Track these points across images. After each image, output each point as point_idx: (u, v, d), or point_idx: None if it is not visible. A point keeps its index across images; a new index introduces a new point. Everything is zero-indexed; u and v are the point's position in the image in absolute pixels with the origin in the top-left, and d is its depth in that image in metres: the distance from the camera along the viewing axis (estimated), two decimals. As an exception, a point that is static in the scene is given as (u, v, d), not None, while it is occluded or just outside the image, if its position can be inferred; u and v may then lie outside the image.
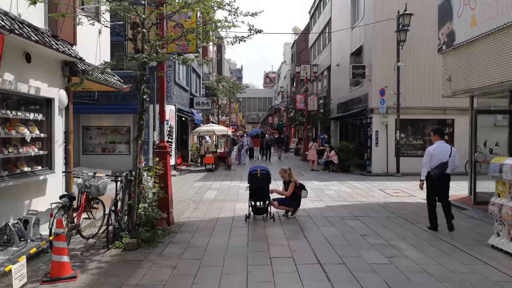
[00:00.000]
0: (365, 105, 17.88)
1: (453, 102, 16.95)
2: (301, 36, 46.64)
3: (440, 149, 6.99)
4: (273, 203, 7.99)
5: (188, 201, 10.23)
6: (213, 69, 34.95)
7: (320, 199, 10.57)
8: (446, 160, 6.87)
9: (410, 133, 17.63)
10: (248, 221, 7.82)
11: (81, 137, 17.64)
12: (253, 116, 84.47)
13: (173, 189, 12.31)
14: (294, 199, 8.12)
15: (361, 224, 7.68)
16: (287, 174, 8.20)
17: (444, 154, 6.92)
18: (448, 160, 6.89)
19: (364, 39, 18.59)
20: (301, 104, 25.95)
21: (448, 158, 6.90)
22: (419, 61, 16.99)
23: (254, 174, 7.75)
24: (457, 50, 9.95)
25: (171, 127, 17.59)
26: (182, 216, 8.45)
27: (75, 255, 5.84)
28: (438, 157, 6.92)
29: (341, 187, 12.73)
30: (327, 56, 27.24)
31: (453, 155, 7.00)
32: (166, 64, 17.61)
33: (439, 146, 7.05)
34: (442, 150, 6.96)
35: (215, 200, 10.35)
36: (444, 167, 6.85)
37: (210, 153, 18.49)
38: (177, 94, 19.23)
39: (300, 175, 16.27)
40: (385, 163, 16.88)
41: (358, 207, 9.41)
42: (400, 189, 12.43)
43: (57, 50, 7.21)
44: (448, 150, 6.97)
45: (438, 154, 6.93)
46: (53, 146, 7.66)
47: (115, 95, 17.26)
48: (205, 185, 13.32)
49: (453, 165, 7.01)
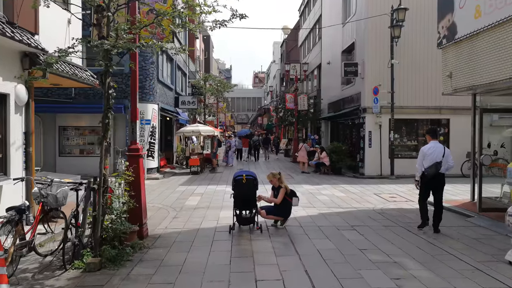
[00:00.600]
0: (358, 104, 17.15)
1: (449, 101, 16.35)
2: (291, 34, 45.92)
3: (433, 149, 7.02)
4: (260, 212, 7.14)
5: (167, 209, 9.32)
6: (200, 68, 33.99)
7: (312, 205, 9.75)
8: (439, 160, 6.90)
9: (404, 133, 16.94)
10: (232, 232, 6.96)
11: (57, 138, 16.59)
12: (242, 116, 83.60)
13: (153, 194, 11.54)
14: (284, 208, 7.28)
15: (358, 235, 6.87)
16: (276, 179, 7.35)
17: (437, 154, 6.95)
18: (442, 160, 6.92)
19: (356, 35, 17.87)
20: (291, 104, 25.16)
21: (441, 158, 6.92)
22: (414, 58, 16.30)
23: (239, 180, 6.88)
24: (458, 44, 9.23)
25: (153, 127, 16.64)
26: (159, 226, 7.54)
27: (25, 278, 4.93)
28: (432, 156, 6.95)
29: (334, 191, 11.94)
30: (318, 54, 26.49)
31: (447, 155, 6.99)
32: (149, 61, 16.71)
33: (433, 146, 7.08)
34: (436, 150, 6.98)
35: (198, 207, 9.46)
36: (437, 166, 6.89)
37: (196, 155, 17.56)
38: (160, 93, 18.26)
39: (289, 178, 15.45)
40: (378, 165, 16.15)
41: (354, 215, 8.61)
42: (397, 193, 11.68)
43: (12, 39, 6.27)
44: (442, 150, 7.00)
45: (432, 154, 6.96)
46: (9, 149, 6.70)
47: (93, 93, 16.25)
48: (189, 189, 12.41)
49: (447, 165, 7.02)
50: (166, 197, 11.00)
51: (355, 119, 17.99)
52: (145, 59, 16.39)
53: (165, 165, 19.58)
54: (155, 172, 16.74)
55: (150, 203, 10.01)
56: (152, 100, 16.71)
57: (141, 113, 16.19)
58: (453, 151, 16.46)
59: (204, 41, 43.56)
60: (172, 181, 15.01)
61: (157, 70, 17.42)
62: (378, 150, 16.19)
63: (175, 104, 21.93)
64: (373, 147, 16.27)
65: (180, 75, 24.50)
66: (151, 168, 16.45)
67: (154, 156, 16.67)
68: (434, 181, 7.02)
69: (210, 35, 46.82)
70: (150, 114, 16.45)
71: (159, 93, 17.89)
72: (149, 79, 16.56)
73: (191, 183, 13.98)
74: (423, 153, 7.07)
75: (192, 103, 22.35)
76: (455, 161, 16.06)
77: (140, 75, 16.30)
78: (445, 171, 7.03)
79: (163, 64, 19.08)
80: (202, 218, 8.27)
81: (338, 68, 20.05)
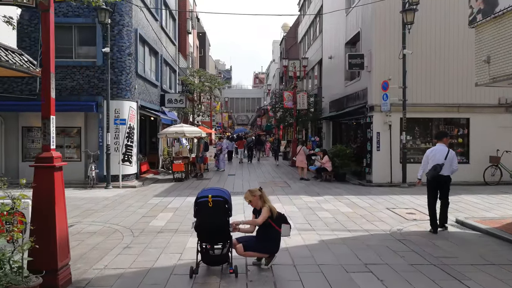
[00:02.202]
0: (364, 101, 15.02)
1: (468, 98, 14.30)
2: (290, 31, 44.10)
3: (435, 151, 7.18)
4: (236, 246, 5.02)
5: (124, 232, 7.20)
6: (193, 66, 31.88)
7: (311, 226, 7.63)
8: (441, 163, 6.98)
9: (417, 134, 14.80)
10: (194, 277, 4.85)
11: (20, 140, 14.51)
12: (242, 117, 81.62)
13: (116, 210, 9.02)
14: (270, 239, 5.15)
15: (376, 282, 4.75)
16: (257, 198, 5.18)
17: (438, 156, 7.05)
18: (444, 163, 6.98)
19: (362, 24, 15.75)
20: (289, 103, 22.99)
21: (443, 161, 6.99)
22: (429, 47, 14.17)
23: (203, 203, 4.75)
24: (499, 20, 7.13)
25: (131, 128, 14.54)
26: (97, 264, 5.42)
27: None
28: (433, 159, 7.12)
29: (338, 205, 9.82)
30: (318, 49, 24.39)
31: (450, 158, 7.04)
32: (125, 52, 14.61)
33: (436, 148, 7.25)
34: (437, 153, 7.12)
35: (164, 230, 7.34)
36: (437, 168, 6.98)
37: (180, 159, 15.45)
38: (141, 89, 16.17)
39: (286, 187, 13.33)
40: (388, 171, 14.03)
41: (366, 243, 6.48)
42: (414, 207, 9.56)
43: None
44: (444, 153, 7.05)
45: (434, 156, 7.13)
46: None
47: (61, 88, 14.17)
48: (163, 202, 10.29)
49: (451, 168, 7.07)
50: (130, 213, 8.88)
51: (360, 118, 15.87)
52: (120, 50, 14.31)
53: (148, 171, 17.49)
54: (132, 179, 14.64)
55: (106, 223, 7.92)
56: (129, 97, 14.61)
57: (116, 112, 14.12)
58: (473, 155, 14.51)
59: (199, 37, 41.50)
60: (149, 190, 12.91)
61: (136, 63, 15.33)
62: (387, 153, 14.07)
63: (161, 103, 19.85)
64: (382, 150, 14.15)
65: (168, 72, 22.40)
66: (127, 175, 14.36)
67: (131, 161, 14.57)
68: (437, 183, 7.13)
69: (205, 31, 44.76)
70: (126, 112, 14.35)
71: (139, 90, 15.80)
72: (126, 73, 14.46)
73: (168, 194, 11.86)
74: (425, 156, 7.35)
75: (180, 102, 20.24)
76: (476, 166, 14.07)
77: (115, 68, 14.25)
78: (450, 173, 7.08)
79: (145, 57, 16.99)
80: (162, 249, 6.16)
81: (341, 63, 17.97)
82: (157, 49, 18.80)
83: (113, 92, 14.11)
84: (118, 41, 14.31)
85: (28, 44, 13.82)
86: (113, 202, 10.28)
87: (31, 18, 13.93)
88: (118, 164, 13.70)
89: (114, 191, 12.53)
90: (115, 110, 14.10)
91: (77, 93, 14.24)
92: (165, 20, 21.34)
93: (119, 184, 13.37)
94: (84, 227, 7.58)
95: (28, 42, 13.86)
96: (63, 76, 14.23)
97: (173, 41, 23.36)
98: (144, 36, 16.34)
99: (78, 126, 14.59)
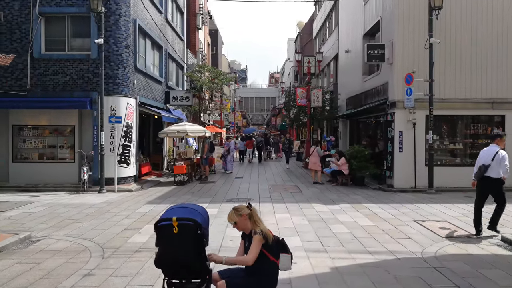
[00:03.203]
0: (384, 97, 13.50)
1: (504, 92, 12.65)
2: (305, 28, 42.74)
3: (484, 152, 6.97)
4: (217, 283, 3.66)
5: (93, 252, 5.92)
6: (203, 62, 30.69)
7: (323, 246, 6.22)
8: (487, 164, 6.72)
9: (445, 134, 13.20)
10: (157, 328, 3.53)
11: (10, 140, 13.47)
12: (258, 117, 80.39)
13: (97, 220, 7.90)
14: (263, 274, 3.74)
15: None
16: (243, 219, 3.70)
17: (486, 157, 6.82)
18: (491, 164, 6.69)
19: (382, 12, 14.21)
20: (303, 100, 21.49)
21: (490, 162, 6.71)
22: (459, 36, 12.58)
23: (165, 228, 3.38)
24: None
25: (129, 126, 13.36)
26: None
27: None
28: (480, 160, 6.94)
29: (356, 217, 8.37)
30: (334, 43, 22.87)
31: (497, 159, 6.69)
32: (122, 44, 13.40)
33: (486, 149, 7.02)
34: (485, 154, 6.89)
35: (142, 250, 6.04)
36: (481, 169, 6.77)
37: (182, 161, 14.20)
38: (141, 85, 14.98)
39: (297, 192, 11.94)
40: (412, 175, 12.47)
41: (393, 272, 5.05)
42: (448, 219, 8.05)
43: None
44: (492, 154, 6.76)
45: (481, 158, 6.94)
46: None
47: (53, 84, 13.11)
48: (152, 211, 9.01)
49: (498, 170, 6.69)
50: (112, 225, 7.63)
51: (380, 116, 14.34)
52: (117, 42, 13.14)
53: (150, 172, 16.33)
54: (130, 182, 13.46)
55: (79, 237, 6.70)
56: (127, 92, 13.43)
57: (112, 109, 12.98)
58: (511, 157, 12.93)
59: (211, 35, 40.34)
60: (145, 194, 11.69)
61: (135, 57, 14.15)
62: (411, 155, 12.52)
63: (166, 100, 18.66)
64: (405, 151, 12.60)
65: (174, 67, 21.21)
66: (124, 178, 13.19)
67: (129, 162, 13.39)
68: (483, 185, 6.85)
69: (218, 29, 43.60)
70: (123, 110, 13.18)
71: (138, 85, 14.63)
72: (122, 67, 13.28)
73: (163, 200, 10.60)
74: (478, 156, 7.11)
75: (186, 99, 19.00)
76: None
77: (111, 61, 13.10)
78: (497, 175, 6.71)
79: (146, 50, 15.79)
80: (131, 277, 4.85)
81: (359, 57, 16.51)
82: (161, 43, 17.60)
83: (108, 88, 12.95)
84: (114, 32, 13.13)
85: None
86: (97, 210, 9.06)
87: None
88: (114, 166, 12.54)
89: (106, 196, 11.35)
90: (110, 107, 12.95)
91: (70, 89, 13.13)
92: (171, 13, 20.14)
93: (114, 188, 12.20)
94: (51, 244, 6.35)
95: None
96: (56, 71, 13.15)
97: (181, 36, 22.15)
98: (145, 28, 15.14)
99: (71, 125, 13.48)
